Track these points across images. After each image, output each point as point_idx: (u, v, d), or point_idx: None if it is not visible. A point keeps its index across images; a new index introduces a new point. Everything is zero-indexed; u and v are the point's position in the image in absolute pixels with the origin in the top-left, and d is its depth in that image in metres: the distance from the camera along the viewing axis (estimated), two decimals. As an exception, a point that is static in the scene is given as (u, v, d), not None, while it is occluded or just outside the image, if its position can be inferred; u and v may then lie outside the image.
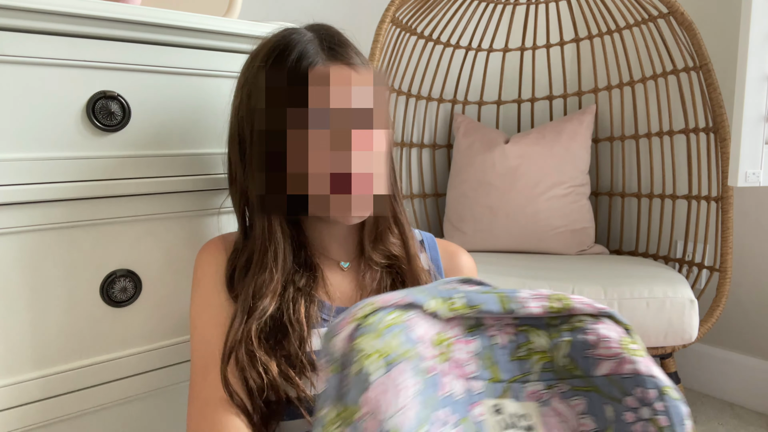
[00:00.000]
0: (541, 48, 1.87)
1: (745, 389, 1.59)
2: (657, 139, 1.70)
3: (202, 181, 0.87)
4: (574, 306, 0.56)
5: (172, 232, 0.86)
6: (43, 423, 0.76)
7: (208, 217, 0.89)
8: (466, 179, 1.71)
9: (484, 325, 0.56)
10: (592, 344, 0.54)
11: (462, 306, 0.54)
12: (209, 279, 0.71)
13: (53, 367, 0.77)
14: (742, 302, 1.60)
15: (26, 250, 0.74)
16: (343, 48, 0.66)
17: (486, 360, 0.55)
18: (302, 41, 0.65)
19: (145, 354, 0.84)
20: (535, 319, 0.57)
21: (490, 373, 0.55)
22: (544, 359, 0.56)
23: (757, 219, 1.57)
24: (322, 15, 0.74)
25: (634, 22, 1.63)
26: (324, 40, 0.66)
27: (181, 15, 0.81)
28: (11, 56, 0.70)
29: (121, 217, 0.80)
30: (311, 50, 0.64)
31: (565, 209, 1.63)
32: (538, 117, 1.94)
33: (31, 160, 0.72)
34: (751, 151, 1.24)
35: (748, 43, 1.20)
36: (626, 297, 1.22)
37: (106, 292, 0.80)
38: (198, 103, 0.87)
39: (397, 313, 0.51)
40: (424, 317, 0.53)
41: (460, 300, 0.55)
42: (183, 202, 0.86)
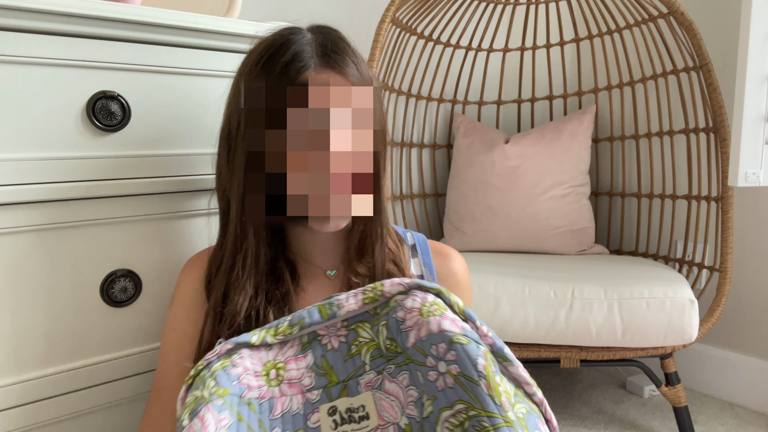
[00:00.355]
0: (541, 48, 1.87)
1: (745, 389, 1.59)
2: (657, 139, 1.70)
3: (202, 181, 0.87)
4: (386, 290, 0.59)
5: (172, 232, 0.86)
6: (44, 423, 0.76)
7: (208, 217, 0.90)
8: (466, 179, 1.71)
9: (319, 337, 0.60)
10: (401, 319, 0.58)
11: (285, 327, 0.59)
12: (180, 301, 0.71)
13: (53, 367, 0.77)
14: (742, 302, 1.60)
15: (26, 250, 0.74)
16: (339, 55, 0.64)
17: (322, 368, 0.59)
18: (299, 42, 0.64)
19: (145, 354, 0.84)
20: (361, 315, 0.61)
21: (327, 379, 0.58)
22: (371, 348, 0.59)
23: (757, 219, 1.57)
24: (322, 15, 0.74)
25: (634, 22, 1.63)
26: (321, 45, 0.64)
27: (181, 15, 0.82)
28: (11, 56, 0.70)
29: (121, 217, 0.80)
30: (306, 53, 0.63)
31: (565, 209, 1.63)
32: (538, 117, 1.94)
33: (31, 160, 0.72)
34: (751, 151, 1.24)
35: (748, 43, 1.19)
36: (626, 297, 1.22)
37: (106, 292, 0.80)
38: (198, 103, 0.87)
39: (222, 361, 0.56)
40: (254, 351, 0.58)
41: (284, 323, 0.59)
42: (183, 203, 0.86)
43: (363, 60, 0.68)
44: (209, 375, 0.55)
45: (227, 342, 0.58)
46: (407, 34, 1.69)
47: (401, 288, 0.60)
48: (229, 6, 1.03)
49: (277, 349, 0.59)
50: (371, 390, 0.57)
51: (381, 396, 0.57)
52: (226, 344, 0.57)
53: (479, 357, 0.53)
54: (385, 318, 0.59)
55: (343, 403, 0.57)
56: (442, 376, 0.53)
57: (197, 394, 0.53)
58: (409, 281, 0.60)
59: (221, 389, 0.54)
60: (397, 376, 0.57)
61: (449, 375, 0.53)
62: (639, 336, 1.22)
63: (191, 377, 0.56)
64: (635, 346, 1.24)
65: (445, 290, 0.59)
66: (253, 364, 0.57)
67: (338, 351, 0.60)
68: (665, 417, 1.51)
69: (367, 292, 0.60)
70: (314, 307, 0.60)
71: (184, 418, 0.51)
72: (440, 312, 0.56)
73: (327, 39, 0.65)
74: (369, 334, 0.60)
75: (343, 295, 0.60)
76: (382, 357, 0.59)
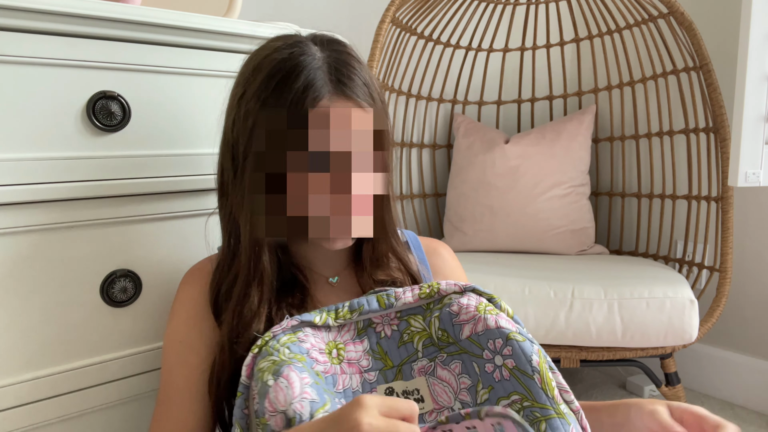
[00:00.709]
0: (541, 48, 1.87)
1: (745, 389, 1.59)
2: (657, 139, 1.70)
3: (202, 181, 0.87)
4: (441, 288, 0.64)
5: (172, 232, 0.86)
6: (44, 423, 0.76)
7: (208, 218, 0.89)
8: (466, 179, 1.71)
9: (373, 324, 0.65)
10: (455, 313, 0.62)
11: (346, 312, 0.63)
12: (183, 314, 0.70)
13: (54, 367, 0.77)
14: (742, 302, 1.60)
15: (26, 250, 0.74)
16: (352, 80, 0.62)
17: (377, 353, 0.64)
18: (310, 67, 0.61)
19: (145, 354, 0.84)
20: (414, 309, 0.65)
21: (382, 362, 0.63)
22: (423, 337, 0.64)
23: (757, 219, 1.57)
24: (323, 15, 0.74)
25: (634, 22, 1.63)
26: (334, 68, 0.62)
27: (181, 15, 0.82)
28: (11, 56, 0.70)
29: (121, 217, 0.80)
30: (319, 80, 0.61)
31: (565, 209, 1.63)
32: (538, 117, 1.94)
33: (31, 160, 0.72)
34: (751, 151, 1.24)
35: (748, 43, 1.20)
36: (626, 297, 1.22)
37: (106, 292, 0.80)
38: (198, 103, 0.87)
39: (289, 335, 0.60)
40: (316, 331, 0.62)
41: (344, 308, 0.63)
42: (183, 202, 0.86)
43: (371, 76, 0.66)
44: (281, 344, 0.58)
45: (293, 318, 0.61)
46: (407, 34, 1.69)
47: (456, 288, 0.64)
48: (229, 6, 1.03)
49: (336, 331, 0.63)
50: (424, 375, 0.62)
51: (434, 381, 0.62)
52: (292, 321, 0.60)
53: (533, 354, 0.57)
54: (438, 311, 0.64)
55: (400, 386, 0.62)
56: (498, 369, 0.58)
57: (275, 359, 0.56)
58: (465, 284, 0.64)
59: (298, 355, 0.58)
60: (450, 364, 0.62)
61: (505, 368, 0.57)
62: (639, 336, 1.22)
63: (258, 347, 0.59)
64: (635, 346, 1.24)
65: (497, 297, 0.64)
66: (317, 342, 0.61)
67: (391, 339, 0.64)
68: (665, 417, 1.51)
69: (423, 288, 0.64)
70: (372, 296, 0.64)
71: (268, 379, 0.54)
72: (496, 312, 0.62)
73: (338, 60, 0.63)
74: (421, 324, 0.65)
75: (399, 289, 0.64)
76: (434, 345, 0.63)
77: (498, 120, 1.97)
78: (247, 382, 0.58)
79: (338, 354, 0.62)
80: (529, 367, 0.56)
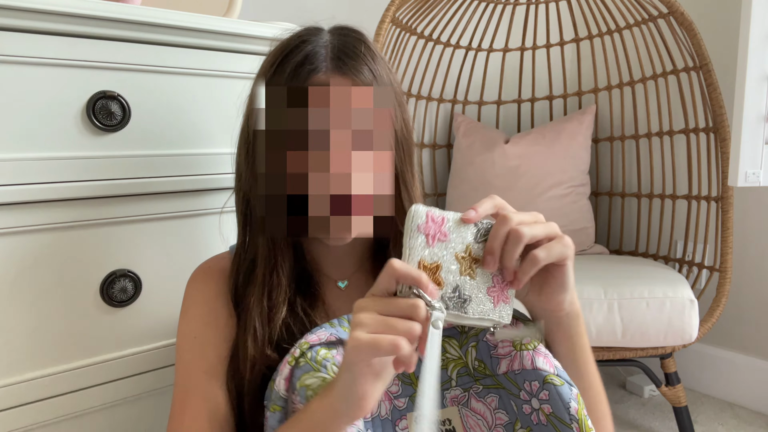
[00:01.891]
0: (541, 48, 1.87)
1: (745, 389, 1.59)
2: (657, 139, 1.70)
3: (202, 181, 0.87)
4: None
5: (172, 232, 0.86)
6: (44, 423, 0.76)
7: (208, 217, 0.90)
8: (466, 179, 1.71)
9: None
10: (493, 345, 0.59)
11: None
12: (197, 310, 0.69)
13: (53, 367, 0.77)
14: (742, 302, 1.60)
15: (26, 250, 0.74)
16: (354, 60, 0.61)
17: (408, 378, 0.59)
18: (314, 44, 0.61)
19: (145, 354, 0.84)
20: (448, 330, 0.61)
21: (413, 388, 0.59)
22: (459, 365, 0.60)
23: (757, 219, 1.57)
24: (323, 15, 0.73)
25: (634, 22, 1.63)
26: (337, 47, 0.62)
27: (181, 15, 0.82)
28: (11, 56, 0.70)
29: (121, 217, 0.80)
30: (319, 56, 0.60)
31: (565, 209, 1.63)
32: (538, 117, 1.94)
33: (31, 160, 0.72)
34: (751, 151, 1.24)
35: (748, 43, 1.20)
36: (626, 297, 1.22)
37: (106, 292, 0.80)
38: (198, 103, 0.87)
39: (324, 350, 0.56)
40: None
41: None
42: (183, 202, 0.86)
43: (384, 65, 0.65)
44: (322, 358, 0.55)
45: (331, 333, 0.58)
46: (407, 34, 1.69)
47: None
48: (228, 6, 1.03)
49: None
50: (457, 405, 0.59)
51: (467, 413, 0.59)
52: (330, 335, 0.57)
53: (572, 400, 0.54)
54: (474, 339, 0.60)
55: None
56: (535, 412, 0.55)
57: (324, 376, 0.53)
58: None
59: None
60: (485, 397, 0.59)
61: (542, 413, 0.54)
62: (639, 336, 1.22)
63: (294, 358, 0.56)
64: (635, 346, 1.24)
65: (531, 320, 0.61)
66: None
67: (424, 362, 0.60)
68: (665, 417, 1.51)
69: None
70: None
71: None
72: (533, 345, 0.57)
73: (344, 42, 0.63)
74: (457, 351, 0.61)
75: None
76: (469, 375, 0.60)
77: (498, 120, 1.97)
78: (286, 396, 0.55)
79: None
80: (567, 416, 0.53)
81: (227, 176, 0.90)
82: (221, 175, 0.89)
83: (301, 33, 0.64)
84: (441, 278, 0.52)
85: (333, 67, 0.60)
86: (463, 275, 0.53)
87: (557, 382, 0.55)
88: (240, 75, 0.90)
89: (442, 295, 0.52)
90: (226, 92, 0.90)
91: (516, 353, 0.57)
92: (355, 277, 0.72)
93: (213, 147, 0.89)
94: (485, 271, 0.53)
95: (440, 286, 0.52)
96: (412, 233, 0.52)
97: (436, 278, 0.52)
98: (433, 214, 0.53)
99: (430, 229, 0.53)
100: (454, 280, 0.52)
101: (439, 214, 0.53)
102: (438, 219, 0.53)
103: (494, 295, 0.53)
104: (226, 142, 0.90)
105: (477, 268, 0.53)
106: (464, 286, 0.53)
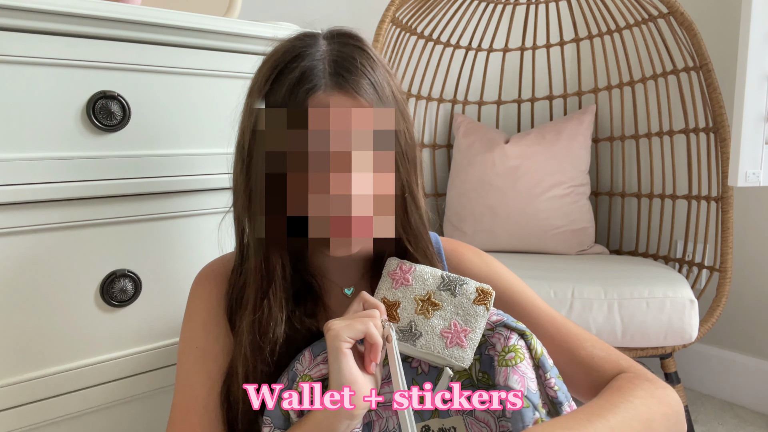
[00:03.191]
0: (541, 48, 1.87)
1: (745, 389, 1.59)
2: (657, 139, 1.69)
3: (201, 181, 0.87)
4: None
5: (172, 232, 0.86)
6: (43, 423, 0.76)
7: (208, 217, 0.90)
8: (466, 179, 1.71)
9: (409, 359, 0.63)
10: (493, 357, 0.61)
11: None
12: (198, 318, 0.68)
13: (53, 367, 0.77)
14: (742, 302, 1.60)
15: (26, 250, 0.74)
16: (353, 75, 0.58)
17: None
18: (311, 57, 0.58)
19: (145, 354, 0.84)
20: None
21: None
22: (463, 377, 0.63)
23: (757, 219, 1.57)
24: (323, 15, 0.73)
25: (634, 22, 1.63)
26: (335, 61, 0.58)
27: (181, 15, 0.82)
28: (11, 56, 0.70)
29: (121, 217, 0.80)
30: (317, 71, 0.57)
31: (565, 209, 1.63)
32: (538, 117, 1.94)
33: (31, 160, 0.72)
34: (751, 151, 1.24)
35: (748, 43, 1.19)
36: (626, 297, 1.22)
37: (106, 293, 0.80)
38: (198, 102, 0.87)
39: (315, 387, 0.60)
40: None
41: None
42: (183, 202, 0.86)
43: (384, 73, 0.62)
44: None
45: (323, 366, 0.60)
46: (407, 34, 1.69)
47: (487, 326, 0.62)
48: (228, 6, 1.03)
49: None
50: (462, 415, 0.61)
51: (471, 421, 0.61)
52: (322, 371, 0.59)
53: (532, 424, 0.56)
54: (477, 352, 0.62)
55: (436, 424, 0.61)
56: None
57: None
58: (496, 318, 0.62)
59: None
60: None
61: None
62: (639, 336, 1.22)
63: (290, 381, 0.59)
64: (635, 346, 1.24)
65: (528, 332, 0.61)
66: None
67: (428, 375, 0.63)
68: (665, 417, 1.51)
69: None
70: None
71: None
72: (514, 362, 0.59)
73: (342, 53, 0.59)
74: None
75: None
76: (473, 386, 0.62)
77: (498, 120, 1.97)
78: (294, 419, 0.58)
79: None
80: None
81: (227, 176, 0.90)
82: (221, 175, 0.89)
83: (296, 44, 0.60)
84: (397, 314, 0.62)
85: (332, 84, 0.57)
86: (419, 314, 0.61)
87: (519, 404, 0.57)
88: (240, 75, 0.90)
89: (398, 327, 0.61)
90: (226, 92, 0.90)
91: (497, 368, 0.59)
92: (360, 284, 0.71)
93: (213, 147, 0.89)
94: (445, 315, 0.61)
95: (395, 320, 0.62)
96: (384, 277, 0.64)
97: (392, 313, 0.62)
98: (404, 265, 0.64)
99: (397, 275, 0.64)
100: (409, 317, 0.61)
101: (410, 266, 0.64)
102: (407, 268, 0.64)
103: (448, 336, 0.60)
104: (226, 142, 0.90)
105: (434, 311, 0.62)
106: (418, 323, 0.61)
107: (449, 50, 1.87)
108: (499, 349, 0.60)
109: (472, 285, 0.62)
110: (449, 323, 0.60)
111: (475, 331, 0.60)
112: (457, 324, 0.60)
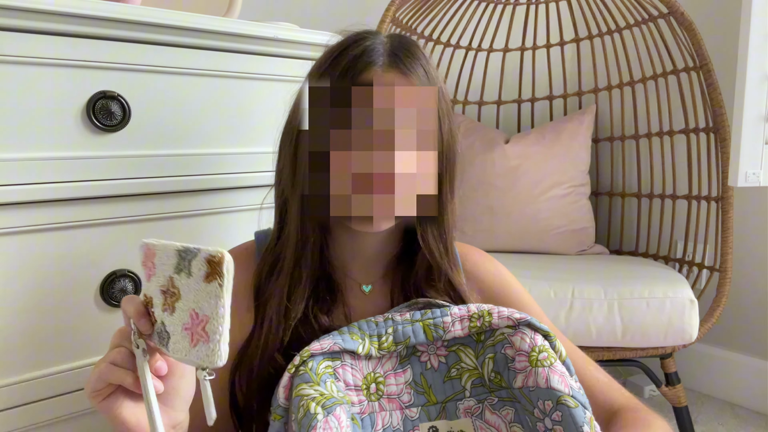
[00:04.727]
0: (541, 48, 1.87)
1: (745, 389, 1.59)
2: (657, 139, 1.69)
3: (202, 181, 0.88)
4: (493, 321, 0.60)
5: (172, 232, 0.86)
6: (44, 423, 0.76)
7: (208, 217, 0.90)
8: (466, 179, 1.71)
9: (417, 352, 0.61)
10: (511, 358, 0.59)
11: (390, 344, 0.60)
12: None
13: (53, 367, 0.77)
14: (742, 302, 1.60)
15: (26, 250, 0.74)
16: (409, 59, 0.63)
17: (421, 386, 0.60)
18: (372, 41, 0.63)
19: (145, 354, 0.84)
20: (463, 338, 0.61)
21: (425, 397, 0.60)
22: (473, 376, 0.60)
23: (757, 219, 1.57)
24: (323, 15, 0.73)
25: (634, 22, 1.63)
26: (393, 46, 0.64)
27: (181, 15, 0.82)
28: (11, 56, 0.70)
29: (121, 217, 0.80)
30: (377, 51, 0.62)
31: (565, 209, 1.63)
32: (538, 117, 1.94)
33: (31, 160, 0.72)
34: (751, 151, 1.24)
35: (748, 43, 1.20)
36: (626, 297, 1.22)
37: (106, 293, 0.80)
38: (198, 102, 0.87)
39: (327, 362, 0.57)
40: (355, 360, 0.59)
41: (388, 337, 0.60)
42: (183, 202, 0.86)
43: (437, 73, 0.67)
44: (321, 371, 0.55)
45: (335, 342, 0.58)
46: (407, 34, 1.69)
47: (510, 322, 0.60)
48: (228, 6, 1.03)
49: (377, 360, 0.61)
50: (471, 417, 0.59)
51: (481, 425, 0.58)
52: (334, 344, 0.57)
53: (585, 424, 0.53)
54: (491, 350, 0.61)
55: (444, 426, 0.58)
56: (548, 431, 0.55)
57: (322, 390, 0.54)
58: (519, 317, 0.60)
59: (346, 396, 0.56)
60: (500, 409, 0.59)
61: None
62: (639, 336, 1.22)
63: (294, 366, 0.56)
64: (635, 346, 1.24)
65: (552, 334, 0.60)
66: (354, 377, 0.59)
67: (437, 371, 0.61)
68: (665, 417, 1.50)
69: (473, 320, 0.60)
70: (419, 326, 0.60)
71: (318, 412, 0.51)
72: (549, 362, 0.57)
73: (402, 42, 0.65)
74: (472, 362, 0.61)
75: (448, 319, 0.60)
76: (484, 387, 0.60)
77: (498, 120, 1.97)
78: (285, 404, 0.56)
79: (377, 389, 0.59)
80: None
81: (227, 176, 0.90)
82: (221, 175, 0.90)
83: (359, 32, 0.65)
84: (153, 313, 0.49)
85: (390, 63, 0.62)
86: (165, 311, 0.48)
87: (571, 404, 0.54)
88: (240, 75, 0.90)
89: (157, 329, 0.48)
90: (226, 92, 0.90)
91: (531, 369, 0.57)
92: (379, 283, 0.72)
93: (213, 147, 0.89)
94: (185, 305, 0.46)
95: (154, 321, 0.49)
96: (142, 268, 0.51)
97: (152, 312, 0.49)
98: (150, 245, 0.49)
99: (147, 264, 0.50)
100: (160, 315, 0.48)
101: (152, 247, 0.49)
102: (150, 252, 0.49)
103: (189, 332, 0.46)
104: (226, 142, 0.90)
105: (175, 302, 0.47)
106: (166, 321, 0.48)
107: (449, 50, 1.87)
108: (526, 349, 0.58)
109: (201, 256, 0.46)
110: (188, 315, 0.46)
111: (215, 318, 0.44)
112: (197, 314, 0.46)
